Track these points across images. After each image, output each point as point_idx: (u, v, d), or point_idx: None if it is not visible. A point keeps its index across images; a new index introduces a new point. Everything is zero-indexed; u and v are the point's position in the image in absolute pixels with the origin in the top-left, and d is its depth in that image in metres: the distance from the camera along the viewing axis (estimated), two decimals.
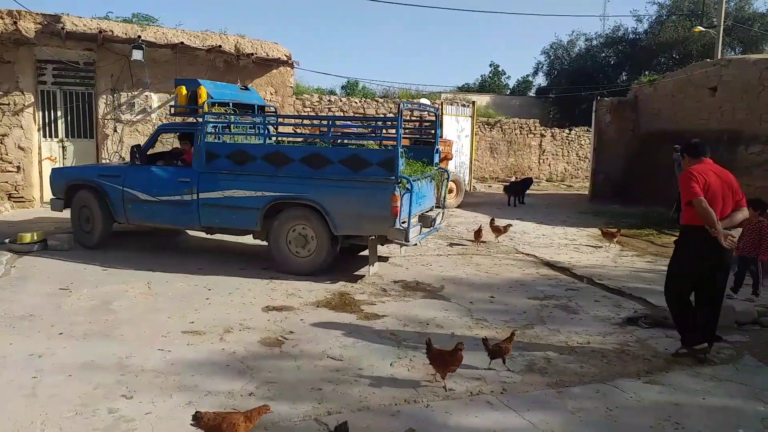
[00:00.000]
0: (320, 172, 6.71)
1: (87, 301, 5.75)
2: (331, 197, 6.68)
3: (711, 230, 4.31)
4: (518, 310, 5.81)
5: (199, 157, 7.18)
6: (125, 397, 3.73)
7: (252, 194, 6.93)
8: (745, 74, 13.13)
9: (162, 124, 8.47)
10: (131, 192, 7.54)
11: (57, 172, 8.52)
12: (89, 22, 11.30)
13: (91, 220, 7.86)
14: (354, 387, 3.97)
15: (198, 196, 7.16)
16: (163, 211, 7.43)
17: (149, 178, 7.51)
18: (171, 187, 7.33)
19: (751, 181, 12.58)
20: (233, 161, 7.01)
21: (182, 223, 7.56)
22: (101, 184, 7.73)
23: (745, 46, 25.10)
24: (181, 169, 7.51)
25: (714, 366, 4.51)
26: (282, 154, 6.90)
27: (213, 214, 7.20)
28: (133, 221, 7.79)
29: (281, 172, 6.84)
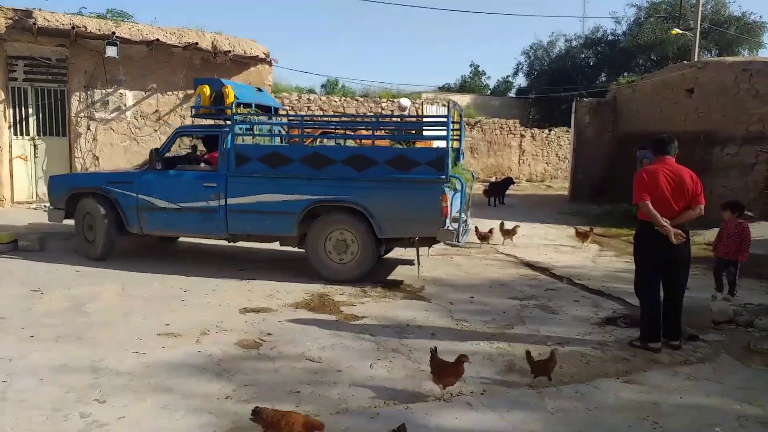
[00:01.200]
0: (364, 173, 6.49)
1: (59, 303, 5.61)
2: (375, 199, 6.47)
3: (659, 229, 4.64)
4: (498, 311, 5.81)
5: (226, 160, 6.78)
6: (98, 401, 3.64)
7: (288, 198, 6.59)
8: (721, 76, 13.33)
9: (180, 126, 8.01)
10: (147, 199, 6.99)
11: (57, 180, 7.83)
12: (62, 17, 11.06)
13: (95, 229, 7.23)
14: (333, 389, 3.92)
15: (226, 202, 6.74)
16: (185, 219, 6.95)
17: (169, 183, 7.00)
18: (194, 192, 6.86)
19: (727, 182, 12.80)
20: (267, 164, 6.67)
21: (206, 231, 7.06)
22: (111, 191, 7.14)
23: (721, 49, 25.54)
24: (205, 174, 7.05)
25: (691, 365, 4.54)
26: (322, 156, 6.62)
27: (243, 221, 6.79)
28: (149, 231, 7.21)
29: (321, 174, 6.57)
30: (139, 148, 12.01)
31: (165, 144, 7.32)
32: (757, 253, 8.57)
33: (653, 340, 4.81)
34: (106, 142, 11.79)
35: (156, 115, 12.11)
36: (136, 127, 12.00)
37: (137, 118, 12.00)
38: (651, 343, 4.81)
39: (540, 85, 28.25)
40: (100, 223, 7.16)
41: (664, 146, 4.88)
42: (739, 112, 12.79)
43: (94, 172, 8.88)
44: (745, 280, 6.90)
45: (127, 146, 11.96)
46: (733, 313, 5.63)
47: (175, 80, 12.16)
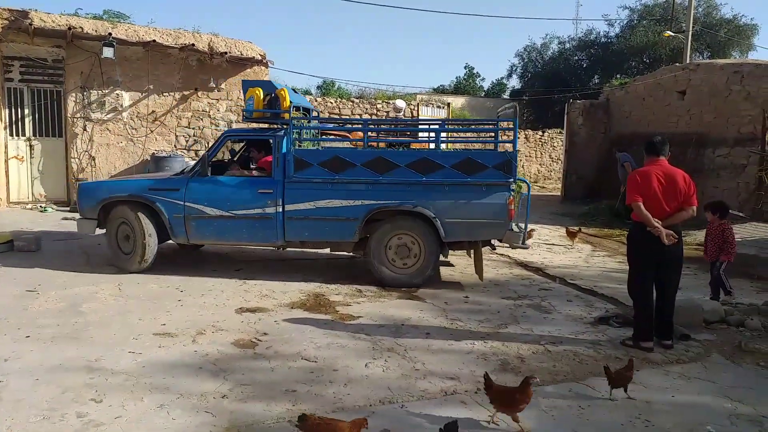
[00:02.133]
0: (430, 177, 6.44)
1: (55, 303, 5.63)
2: (441, 203, 6.42)
3: (651, 230, 4.72)
4: (492, 310, 5.85)
5: (283, 165, 6.57)
6: (94, 400, 3.66)
7: (350, 203, 6.47)
8: (712, 78, 13.43)
9: (228, 130, 7.55)
10: (196, 207, 6.65)
11: (88, 188, 7.25)
12: (58, 18, 11.07)
13: (134, 240, 6.80)
14: (329, 388, 3.95)
15: (283, 209, 6.54)
16: (237, 227, 6.67)
17: (220, 190, 6.69)
18: (249, 199, 6.61)
19: (718, 183, 12.89)
20: (328, 169, 6.51)
21: (259, 239, 6.80)
22: (154, 199, 6.74)
23: (713, 51, 25.71)
24: (260, 180, 6.77)
25: (683, 364, 4.59)
26: (385, 160, 6.49)
27: (301, 228, 6.60)
28: (196, 240, 6.92)
29: (384, 178, 6.47)
30: (135, 149, 12.03)
31: (213, 148, 6.93)
32: (749, 253, 8.66)
33: (646, 340, 4.87)
34: (103, 143, 11.79)
35: (152, 116, 12.12)
36: (133, 127, 12.01)
37: (133, 118, 12.01)
38: (643, 342, 4.86)
39: (533, 86, 28.38)
40: (140, 234, 6.74)
41: (657, 148, 4.94)
42: (731, 113, 12.89)
43: (128, 178, 8.12)
44: (735, 280, 6.95)
45: (124, 147, 11.96)
46: (725, 312, 5.68)
47: (171, 81, 12.18)
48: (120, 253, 6.90)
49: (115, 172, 11.90)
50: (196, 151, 12.55)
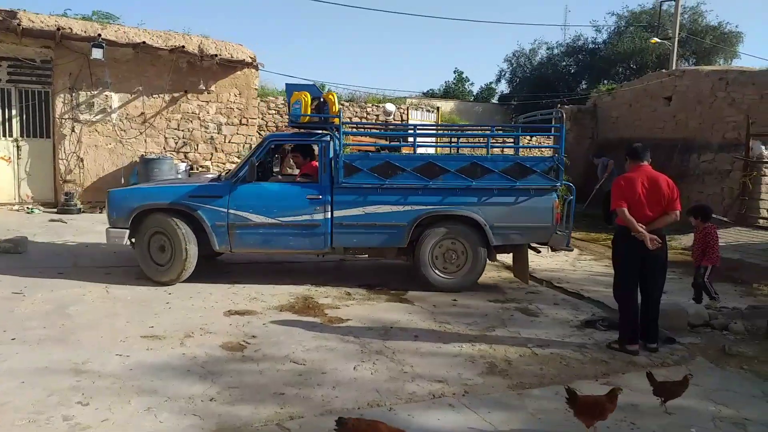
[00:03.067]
0: (479, 182, 6.49)
1: (42, 306, 5.59)
2: (489, 208, 6.49)
3: (635, 234, 4.77)
4: (480, 313, 5.89)
5: (331, 170, 6.47)
6: (81, 403, 3.64)
7: (399, 209, 6.45)
8: (698, 85, 13.61)
9: (271, 135, 7.32)
10: (240, 214, 6.39)
11: (120, 195, 6.76)
12: (47, 18, 11.00)
13: (169, 250, 6.44)
14: (317, 391, 3.96)
15: (332, 215, 6.44)
16: (284, 234, 6.47)
17: (266, 196, 6.48)
18: (297, 206, 6.43)
19: (703, 188, 13.05)
20: (378, 174, 6.46)
21: (306, 246, 6.61)
22: (195, 207, 6.40)
23: (698, 58, 25.98)
24: (308, 185, 6.60)
25: (668, 367, 4.65)
26: (435, 165, 6.52)
27: (349, 234, 6.52)
28: (239, 249, 6.62)
29: (433, 183, 6.49)
30: (124, 151, 11.96)
31: (257, 153, 6.66)
32: (732, 257, 8.78)
33: (631, 343, 4.92)
34: (91, 144, 11.72)
35: (142, 117, 12.07)
36: (122, 129, 11.95)
37: (122, 120, 11.95)
38: (629, 345, 4.91)
39: (522, 91, 28.50)
40: (182, 244, 6.37)
41: (640, 154, 5.02)
42: (716, 119, 13.07)
43: (161, 184, 7.59)
44: (719, 284, 7.05)
45: (113, 148, 11.90)
46: (709, 316, 5.76)
47: (161, 83, 12.13)
48: (153, 264, 6.50)
49: (104, 174, 11.83)
50: (185, 153, 12.51)
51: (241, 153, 12.93)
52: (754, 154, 12.07)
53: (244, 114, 12.96)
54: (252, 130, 13.17)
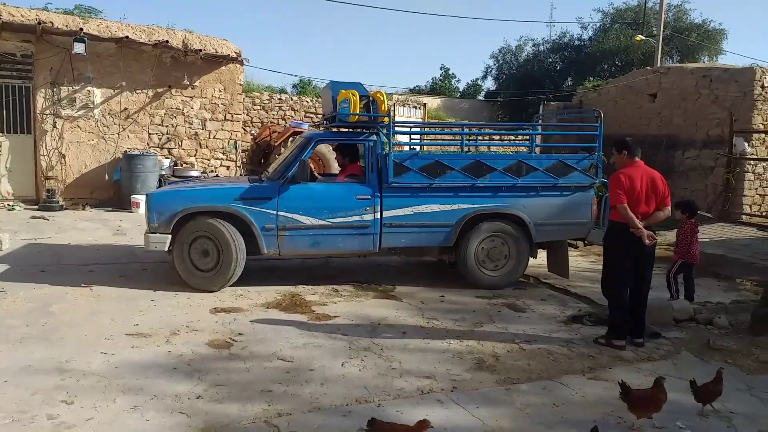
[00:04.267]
0: (524, 180, 6.59)
1: (24, 304, 5.50)
2: (533, 205, 6.60)
3: (634, 230, 4.77)
4: (468, 309, 5.90)
5: (378, 170, 6.42)
6: (65, 402, 3.59)
7: (448, 208, 6.46)
8: (682, 82, 13.73)
9: (316, 134, 7.13)
10: (290, 216, 6.20)
11: (163, 198, 6.38)
12: (27, 12, 10.83)
13: (214, 255, 6.14)
14: (305, 388, 3.94)
15: (381, 215, 6.37)
16: (334, 236, 6.34)
17: (316, 197, 6.33)
18: (347, 207, 6.31)
19: (688, 184, 13.18)
20: (427, 174, 6.43)
21: (355, 248, 6.53)
22: (243, 210, 6.14)
23: (683, 55, 26.24)
24: (358, 186, 6.47)
25: (653, 362, 4.69)
26: (483, 164, 6.57)
27: (398, 235, 6.47)
28: (288, 252, 6.42)
29: (481, 182, 6.53)
30: (107, 147, 11.82)
31: (305, 152, 6.44)
32: (716, 253, 8.87)
33: (618, 338, 4.95)
34: (73, 140, 11.57)
35: (125, 113, 11.93)
36: (104, 125, 11.80)
37: (105, 116, 11.80)
38: (615, 340, 4.94)
39: (508, 88, 28.61)
40: (230, 248, 6.08)
41: (633, 149, 5.02)
42: (700, 116, 13.20)
43: (202, 185, 7.04)
44: (703, 279, 7.12)
45: (95, 144, 11.75)
46: (694, 311, 5.81)
47: (144, 78, 11.99)
48: (195, 270, 6.16)
49: (86, 171, 11.69)
50: (169, 149, 12.39)
51: (226, 149, 12.84)
52: (737, 150, 12.22)
53: (228, 110, 12.86)
54: (237, 126, 13.07)
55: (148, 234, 6.15)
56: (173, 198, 6.33)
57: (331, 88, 6.69)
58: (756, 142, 12.60)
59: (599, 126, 6.84)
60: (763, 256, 8.63)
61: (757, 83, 12.28)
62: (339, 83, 6.78)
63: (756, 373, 4.52)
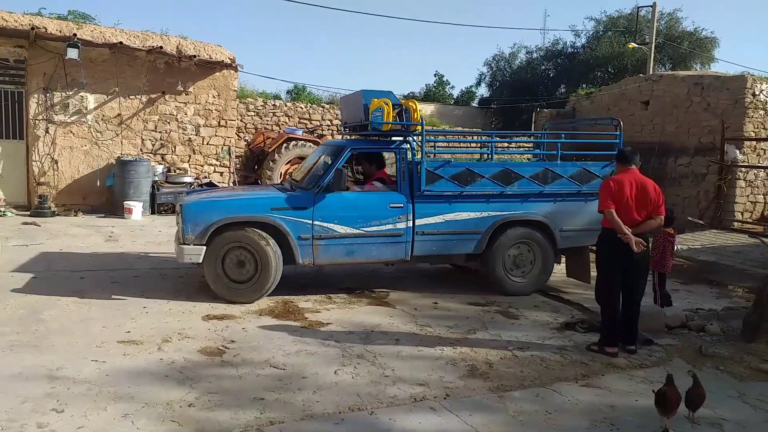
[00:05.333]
0: (550, 187, 6.72)
1: (14, 311, 5.46)
2: (557, 212, 6.73)
3: (621, 237, 4.79)
4: (461, 316, 5.90)
5: (409, 178, 6.45)
6: (56, 410, 3.56)
7: (477, 215, 6.56)
8: (674, 89, 13.83)
9: (352, 142, 7.06)
10: (326, 226, 6.16)
11: (198, 208, 6.13)
12: (21, 17, 10.81)
13: (250, 266, 6.03)
14: (297, 395, 3.93)
15: (413, 223, 6.40)
16: (367, 245, 6.32)
17: (350, 206, 6.29)
18: (381, 215, 6.31)
19: (680, 190, 13.26)
20: (458, 182, 6.52)
21: (386, 256, 6.52)
22: (280, 220, 6.05)
23: (675, 63, 26.42)
24: (390, 194, 6.46)
25: (646, 369, 4.70)
26: (511, 172, 6.69)
27: (430, 242, 6.51)
28: (322, 262, 6.37)
29: (509, 189, 6.64)
30: (100, 152, 11.79)
31: (339, 161, 6.34)
32: (708, 260, 8.92)
33: (611, 345, 4.95)
34: (66, 146, 11.53)
35: (118, 119, 11.90)
36: (98, 131, 11.77)
37: (98, 121, 11.77)
38: (608, 347, 4.95)
39: (502, 95, 28.70)
40: (268, 259, 5.98)
41: (630, 157, 5.07)
42: (692, 124, 13.29)
43: (234, 195, 6.95)
44: (695, 286, 7.14)
45: (88, 150, 11.72)
46: (686, 318, 5.83)
47: (138, 84, 11.98)
48: (230, 282, 6.03)
49: (79, 177, 11.65)
50: (162, 155, 12.36)
51: (220, 155, 12.83)
52: (728, 158, 12.31)
53: (222, 116, 12.86)
54: (231, 131, 13.07)
55: (182, 246, 5.95)
56: (209, 208, 6.14)
57: (363, 96, 6.65)
58: (747, 149, 12.71)
59: (619, 134, 6.98)
60: (754, 263, 8.67)
61: (748, 91, 12.39)
62: (371, 92, 6.76)
63: (747, 380, 4.53)
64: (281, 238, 6.08)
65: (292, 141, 13.53)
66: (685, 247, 9.64)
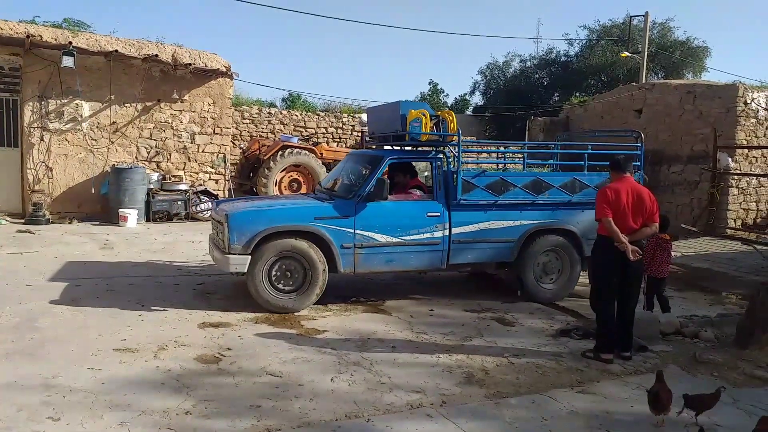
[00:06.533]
0: (577, 196, 6.87)
1: (9, 319, 5.44)
2: (584, 220, 6.81)
3: (618, 245, 4.83)
4: (457, 323, 5.91)
5: (445, 187, 6.58)
6: (52, 419, 3.55)
7: (511, 224, 6.69)
8: (667, 98, 13.94)
9: (389, 152, 7.11)
10: (367, 234, 6.22)
11: (244, 218, 6.07)
12: (16, 25, 10.81)
13: (298, 275, 6.07)
14: (294, 403, 3.93)
15: (450, 232, 6.50)
16: (407, 253, 6.41)
17: (390, 215, 6.35)
18: (419, 224, 6.41)
19: (673, 198, 13.34)
20: (491, 191, 6.64)
21: (424, 265, 6.66)
22: (323, 228, 6.09)
23: (667, 72, 26.60)
24: (429, 203, 6.56)
25: (641, 375, 4.72)
26: (542, 181, 6.84)
27: (465, 251, 6.63)
28: (363, 270, 6.40)
29: (540, 199, 6.78)
30: (95, 160, 11.77)
31: (378, 171, 6.39)
32: (702, 267, 8.97)
33: (606, 352, 4.98)
34: (61, 154, 11.51)
35: (113, 126, 11.89)
36: (93, 138, 11.76)
37: (94, 129, 11.76)
38: (603, 354, 4.97)
39: (496, 103, 28.79)
40: (317, 268, 6.03)
41: (624, 165, 5.12)
42: (684, 132, 13.39)
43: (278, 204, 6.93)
44: (689, 293, 7.19)
45: (83, 158, 11.70)
46: (680, 324, 5.87)
47: (133, 92, 11.98)
48: (276, 292, 6.03)
49: (74, 184, 11.62)
50: (157, 163, 12.35)
51: (215, 163, 12.83)
52: (721, 165, 12.41)
53: (218, 123, 12.87)
54: (226, 139, 13.08)
55: (227, 255, 5.93)
56: (255, 218, 6.13)
57: (401, 107, 6.74)
58: (739, 157, 12.81)
59: (640, 146, 7.13)
60: (747, 270, 8.73)
61: (740, 100, 12.51)
62: (408, 103, 6.98)
63: (742, 386, 4.56)
64: (324, 246, 6.12)
65: (288, 149, 13.56)
66: (679, 254, 9.69)
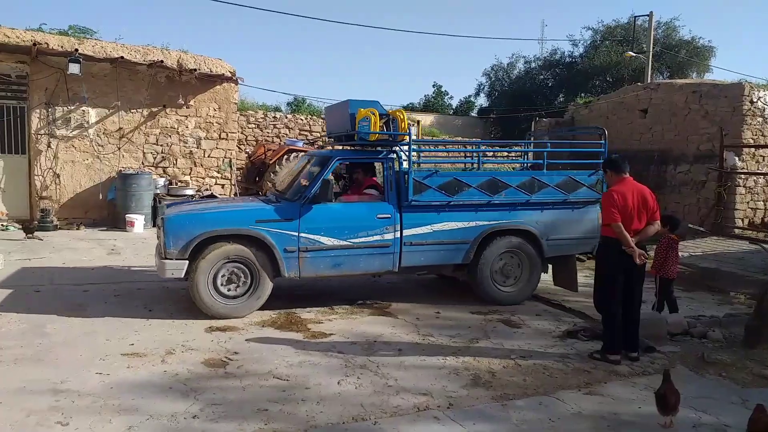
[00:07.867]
0: (537, 196, 6.72)
1: (18, 324, 5.48)
2: (543, 221, 6.74)
3: (626, 249, 4.83)
4: (464, 325, 5.91)
5: (397, 188, 6.38)
6: (61, 423, 3.57)
7: (465, 225, 6.52)
8: (672, 98, 13.89)
9: (338, 152, 6.99)
10: (312, 238, 6.01)
11: (180, 221, 5.92)
12: (23, 33, 10.90)
13: (241, 281, 5.92)
14: (301, 406, 3.94)
15: (401, 234, 6.30)
16: (354, 256, 6.20)
17: (338, 217, 6.18)
18: (368, 226, 6.20)
19: (680, 198, 13.29)
20: (445, 192, 6.46)
21: (374, 268, 6.42)
22: (265, 232, 5.88)
23: (672, 71, 26.50)
24: (378, 204, 6.37)
25: (648, 376, 4.70)
26: (498, 181, 6.67)
27: (417, 253, 6.43)
28: (308, 274, 6.16)
29: (496, 199, 6.62)
30: (102, 166, 11.83)
31: (326, 171, 6.21)
32: (709, 267, 8.93)
33: (613, 353, 4.97)
34: (68, 160, 11.58)
35: (120, 132, 11.96)
36: (99, 144, 11.82)
37: (100, 135, 11.83)
38: (611, 355, 4.96)
39: (500, 105, 28.77)
40: (260, 273, 5.90)
41: (622, 166, 5.10)
42: (690, 131, 13.33)
43: (218, 207, 6.66)
44: (697, 293, 7.15)
45: (90, 164, 11.76)
46: (688, 325, 5.84)
47: (139, 98, 12.05)
48: (220, 297, 5.86)
49: (81, 191, 11.69)
50: (164, 168, 12.41)
51: (221, 167, 12.88)
52: (728, 165, 12.34)
53: (223, 128, 12.92)
54: (232, 144, 13.13)
55: (163, 260, 5.77)
56: (192, 221, 5.93)
57: (350, 106, 6.54)
58: (746, 156, 12.74)
59: (604, 143, 7.04)
60: (755, 269, 8.68)
61: (746, 98, 12.44)
62: (357, 101, 6.65)
63: (750, 386, 4.54)
64: (266, 250, 5.94)
65: (293, 153, 13.60)
66: (686, 254, 9.65)
